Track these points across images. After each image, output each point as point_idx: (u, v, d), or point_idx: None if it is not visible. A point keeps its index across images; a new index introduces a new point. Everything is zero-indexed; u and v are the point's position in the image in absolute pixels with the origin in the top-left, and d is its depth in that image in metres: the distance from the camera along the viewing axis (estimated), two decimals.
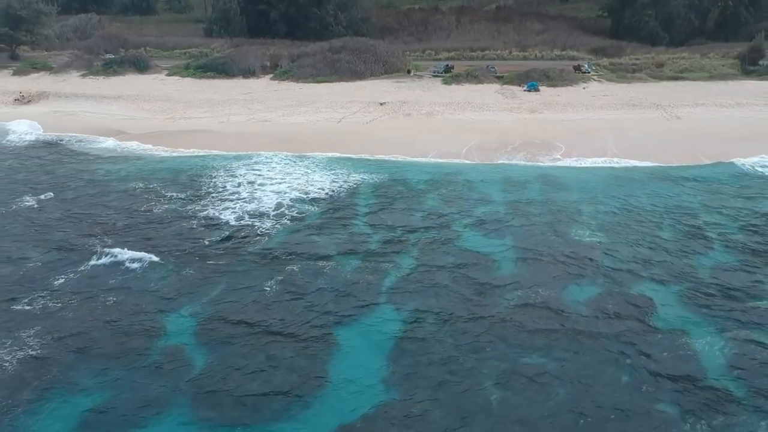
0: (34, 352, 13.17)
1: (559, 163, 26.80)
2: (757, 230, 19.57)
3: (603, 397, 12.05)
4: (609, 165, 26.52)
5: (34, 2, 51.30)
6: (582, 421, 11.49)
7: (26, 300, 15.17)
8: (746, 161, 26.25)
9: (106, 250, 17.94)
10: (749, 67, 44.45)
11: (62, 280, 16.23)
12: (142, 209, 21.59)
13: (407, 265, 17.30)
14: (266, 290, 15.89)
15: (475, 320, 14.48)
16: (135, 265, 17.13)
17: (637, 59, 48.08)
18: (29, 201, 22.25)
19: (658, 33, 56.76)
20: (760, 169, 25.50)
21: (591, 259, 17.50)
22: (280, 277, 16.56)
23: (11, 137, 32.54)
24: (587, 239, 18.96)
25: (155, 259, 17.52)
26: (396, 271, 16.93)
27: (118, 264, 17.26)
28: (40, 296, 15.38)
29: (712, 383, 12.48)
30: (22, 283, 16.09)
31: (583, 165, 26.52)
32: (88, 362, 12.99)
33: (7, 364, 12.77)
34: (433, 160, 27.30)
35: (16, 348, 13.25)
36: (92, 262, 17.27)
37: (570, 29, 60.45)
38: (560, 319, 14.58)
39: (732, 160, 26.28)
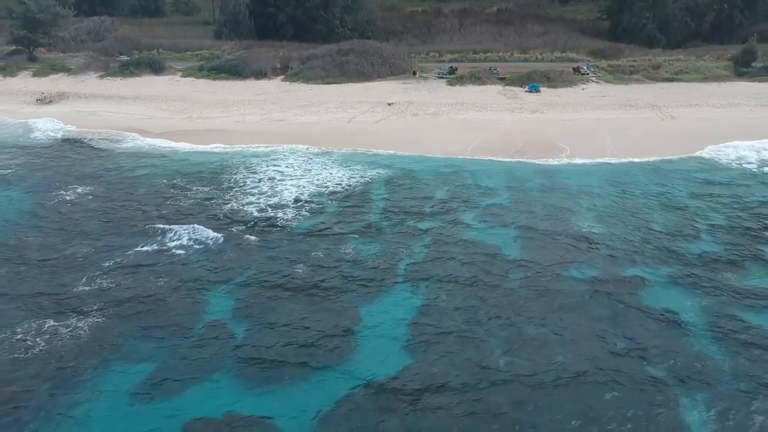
0: (96, 324, 14.87)
1: (559, 161, 28.49)
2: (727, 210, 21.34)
3: (598, 361, 13.73)
4: (606, 161, 28.31)
5: (52, 5, 52.98)
6: (579, 379, 13.18)
7: (84, 279, 16.92)
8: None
9: (146, 236, 19.71)
10: (742, 68, 46.06)
11: (112, 262, 17.97)
12: (173, 200, 23.31)
13: (420, 249, 19.01)
14: (296, 271, 17.64)
15: (484, 295, 16.20)
16: (176, 250, 18.93)
17: (634, 61, 49.68)
18: (68, 194, 23.97)
19: (656, 35, 58.30)
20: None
21: (588, 241, 19.22)
22: (306, 259, 18.31)
23: (38, 135, 34.19)
24: (585, 224, 20.68)
25: (192, 243, 19.28)
26: (411, 254, 18.65)
27: (160, 248, 19.07)
28: (95, 276, 17.14)
29: (695, 349, 14.17)
30: (77, 265, 17.83)
31: (582, 161, 28.25)
32: (143, 332, 14.70)
33: (74, 335, 14.46)
34: (441, 155, 29.03)
35: (81, 321, 14.96)
36: (136, 248, 19.03)
37: (569, 31, 62.02)
38: (561, 294, 16.31)
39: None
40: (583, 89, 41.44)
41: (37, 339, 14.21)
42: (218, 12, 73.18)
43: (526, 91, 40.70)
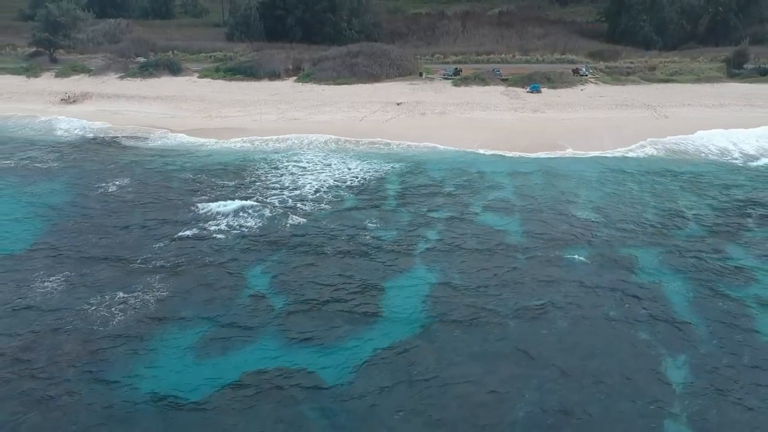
0: (158, 294, 17.06)
1: (559, 155, 30.70)
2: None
3: (595, 328, 15.85)
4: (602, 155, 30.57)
5: (72, 9, 55.11)
6: (577, 343, 15.29)
7: (140, 258, 19.24)
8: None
9: (188, 221, 21.97)
10: (734, 70, 48.20)
11: (162, 244, 20.26)
12: (207, 191, 25.47)
13: (434, 234, 21.16)
14: (325, 248, 19.97)
15: (492, 272, 18.33)
16: (216, 233, 21.12)
17: (631, 62, 51.80)
18: (109, 186, 26.16)
19: (652, 38, 60.26)
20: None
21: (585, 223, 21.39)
22: (333, 243, 20.51)
23: (68, 132, 36.30)
24: (582, 211, 22.83)
25: (229, 227, 21.50)
26: (426, 238, 20.77)
27: (201, 231, 21.37)
28: (149, 254, 19.46)
29: (680, 318, 16.27)
30: (132, 246, 20.15)
31: (580, 156, 30.49)
32: (196, 299, 16.88)
33: (142, 303, 16.67)
34: (452, 148, 31.53)
35: (145, 293, 17.15)
36: (180, 231, 21.35)
37: (569, 33, 63.94)
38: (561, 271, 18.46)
39: None
40: (582, 90, 43.55)
41: (112, 309, 16.39)
42: (227, 14, 75.50)
43: (527, 92, 42.80)
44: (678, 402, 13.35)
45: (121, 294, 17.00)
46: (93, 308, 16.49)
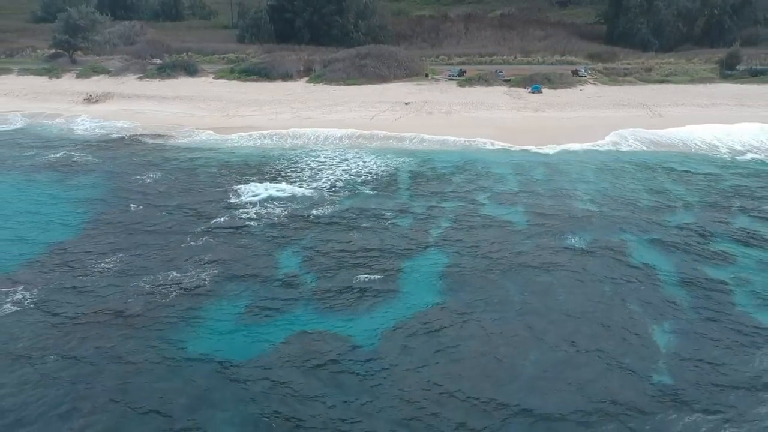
0: (201, 273, 19.21)
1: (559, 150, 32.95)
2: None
3: (591, 303, 17.95)
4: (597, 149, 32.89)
5: (90, 12, 57.35)
6: (576, 313, 17.42)
7: (186, 241, 21.45)
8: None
9: (221, 210, 24.13)
10: (727, 71, 50.35)
11: (200, 230, 22.40)
12: (235, 183, 27.58)
13: (446, 222, 23.36)
14: (348, 236, 22.05)
15: (499, 255, 20.49)
16: (248, 221, 23.29)
17: (628, 64, 53.94)
18: (144, 179, 28.31)
19: (650, 39, 62.38)
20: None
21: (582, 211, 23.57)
22: (354, 228, 22.70)
23: (93, 131, 38.47)
24: (580, 202, 25.02)
25: (259, 215, 23.63)
26: (438, 225, 22.95)
27: (234, 219, 23.45)
28: (192, 239, 21.66)
29: (668, 296, 18.39)
30: (176, 231, 22.30)
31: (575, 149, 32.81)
32: (238, 278, 19.03)
33: (196, 281, 18.84)
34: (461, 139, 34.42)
35: (190, 271, 19.34)
36: (215, 219, 23.43)
37: (569, 35, 66.06)
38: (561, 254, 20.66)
39: None
40: (580, 90, 45.73)
41: (167, 285, 18.53)
42: (236, 16, 77.71)
43: (529, 92, 44.98)
44: (663, 358, 15.47)
45: (174, 273, 19.16)
46: (149, 284, 18.61)
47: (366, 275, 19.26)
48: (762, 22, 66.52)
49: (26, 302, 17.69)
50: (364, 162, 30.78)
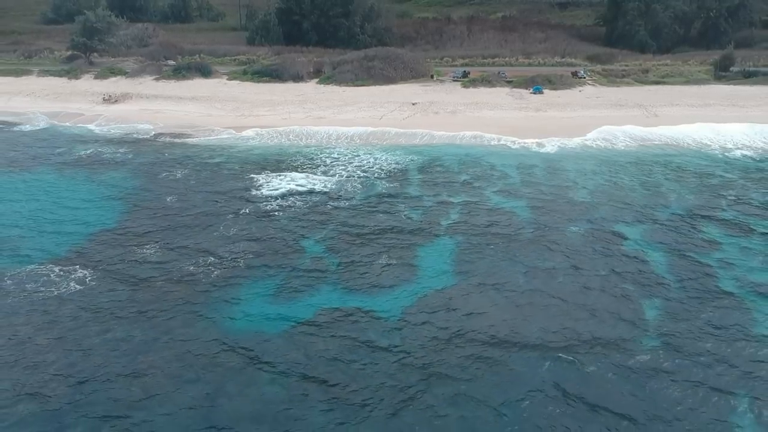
0: (235, 258, 21.28)
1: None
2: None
3: (589, 282, 19.95)
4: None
5: (107, 15, 59.39)
6: (575, 292, 19.42)
7: (219, 229, 23.54)
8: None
9: (247, 201, 26.22)
10: (721, 73, 52.33)
11: (229, 219, 24.58)
12: (258, 177, 29.61)
13: (454, 215, 25.35)
14: (365, 224, 24.08)
15: (506, 243, 22.49)
16: (273, 210, 25.33)
17: (626, 65, 55.92)
18: (171, 174, 30.35)
19: (647, 41, 64.37)
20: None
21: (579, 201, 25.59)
22: (371, 217, 24.74)
23: (111, 129, 40.42)
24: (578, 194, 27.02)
25: (282, 207, 25.65)
26: (446, 217, 24.95)
27: (260, 209, 25.47)
28: (221, 229, 23.67)
29: (658, 279, 20.35)
30: (206, 222, 24.30)
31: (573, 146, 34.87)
32: (266, 264, 21.05)
33: (232, 262, 20.94)
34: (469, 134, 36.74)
35: (224, 257, 21.39)
36: (242, 209, 25.55)
37: (569, 37, 68.04)
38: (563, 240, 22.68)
39: None
40: (580, 91, 47.70)
41: (205, 267, 20.57)
42: (244, 18, 79.72)
43: (531, 93, 46.94)
44: (652, 329, 17.44)
45: (210, 258, 21.20)
46: (188, 267, 20.64)
47: (385, 258, 21.33)
48: (757, 25, 68.65)
49: (88, 280, 19.86)
50: (376, 158, 32.77)
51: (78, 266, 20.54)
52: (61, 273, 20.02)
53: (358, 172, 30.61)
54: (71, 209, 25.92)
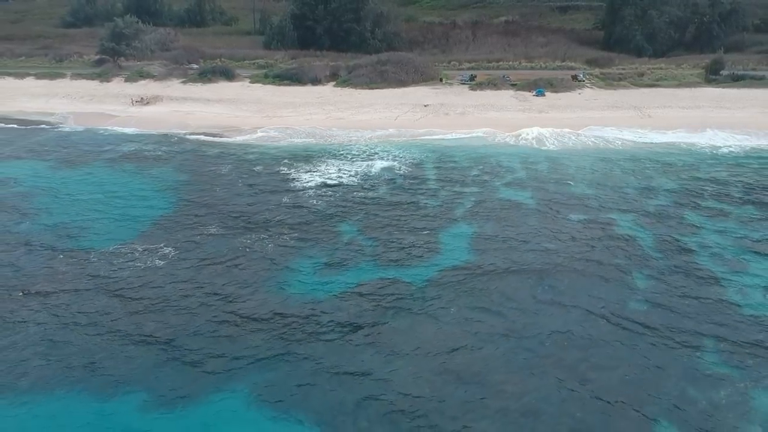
0: (280, 242, 24.90)
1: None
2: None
3: (587, 265, 23.45)
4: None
5: (134, 21, 63.07)
6: (573, 266, 22.99)
7: (261, 219, 27.13)
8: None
9: (283, 192, 29.95)
10: (711, 76, 55.82)
11: (270, 209, 28.20)
12: (289, 173, 33.20)
13: (468, 204, 28.96)
14: (390, 213, 27.71)
15: (513, 233, 26.11)
16: (309, 199, 29.01)
17: (623, 69, 59.41)
18: (215, 169, 33.96)
19: (644, 45, 67.69)
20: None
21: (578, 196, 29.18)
22: (395, 207, 28.30)
23: (147, 130, 43.88)
24: (576, 187, 30.59)
25: (315, 199, 29.26)
26: (461, 205, 28.54)
27: (295, 200, 29.10)
28: (265, 217, 27.30)
29: (649, 261, 23.83)
30: (250, 212, 27.96)
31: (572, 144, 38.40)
32: (308, 246, 24.67)
33: (271, 247, 24.47)
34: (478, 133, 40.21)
35: (271, 240, 24.99)
36: (282, 199, 29.22)
37: (569, 42, 71.38)
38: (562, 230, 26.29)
39: None
40: (579, 94, 51.27)
41: (263, 244, 24.28)
42: (258, 23, 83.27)
43: (533, 95, 50.49)
44: (641, 295, 21.04)
45: (264, 236, 24.88)
46: (247, 244, 24.30)
47: (412, 238, 24.95)
48: (749, 29, 72.08)
49: (170, 255, 23.64)
50: (395, 155, 36.38)
51: (155, 245, 24.17)
52: (144, 251, 23.66)
53: (380, 167, 34.19)
54: (132, 199, 29.58)
